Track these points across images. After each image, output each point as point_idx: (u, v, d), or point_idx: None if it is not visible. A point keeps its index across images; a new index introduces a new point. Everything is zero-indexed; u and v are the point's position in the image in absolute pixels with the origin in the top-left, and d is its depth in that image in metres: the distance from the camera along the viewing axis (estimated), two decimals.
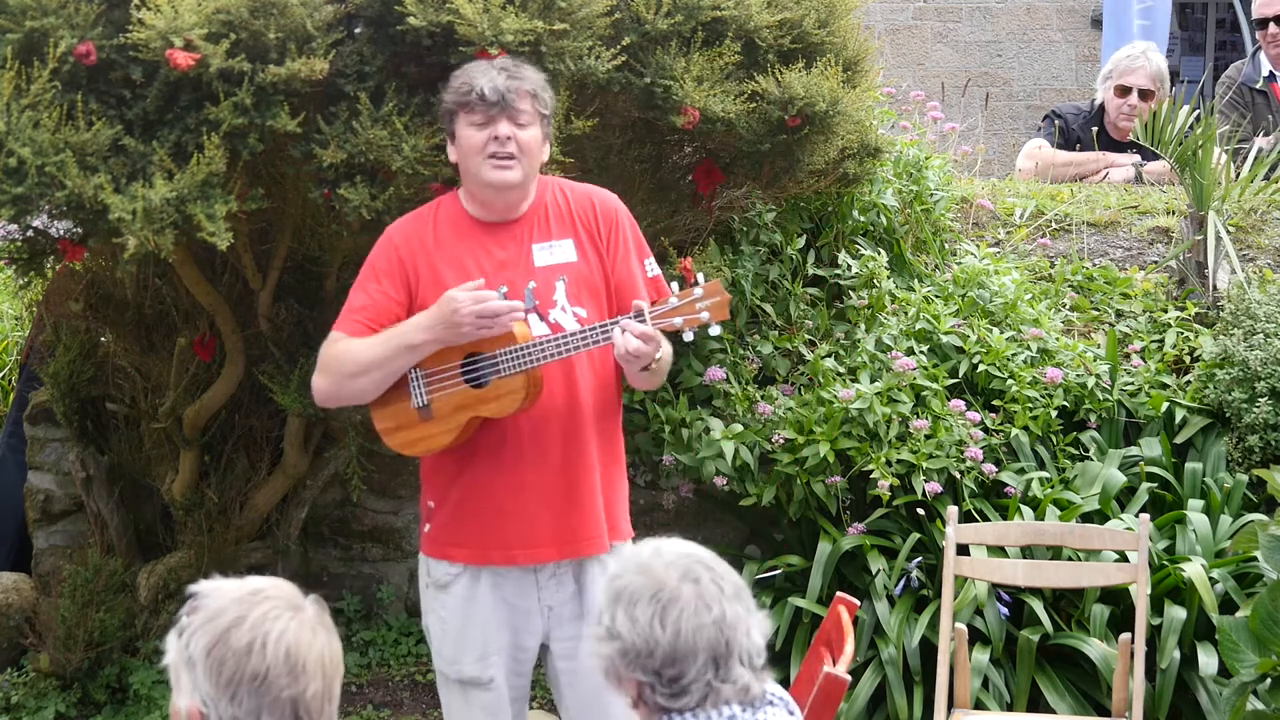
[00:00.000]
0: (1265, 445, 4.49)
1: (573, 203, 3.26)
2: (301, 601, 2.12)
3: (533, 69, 3.25)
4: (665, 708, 2.22)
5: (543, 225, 3.23)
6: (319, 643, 2.08)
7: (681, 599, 2.21)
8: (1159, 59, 5.88)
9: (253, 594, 2.10)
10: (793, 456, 4.41)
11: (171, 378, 4.56)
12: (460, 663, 3.26)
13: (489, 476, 3.19)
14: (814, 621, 4.29)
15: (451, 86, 3.19)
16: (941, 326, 4.67)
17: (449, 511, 3.25)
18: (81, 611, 4.58)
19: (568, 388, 3.18)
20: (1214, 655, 4.04)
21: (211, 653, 2.04)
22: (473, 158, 3.14)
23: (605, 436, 3.25)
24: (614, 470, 3.29)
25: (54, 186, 3.41)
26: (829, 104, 4.06)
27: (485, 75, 3.14)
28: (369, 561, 5.13)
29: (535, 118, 3.16)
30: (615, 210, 3.29)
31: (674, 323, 3.00)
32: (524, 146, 3.13)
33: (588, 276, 3.22)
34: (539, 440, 3.17)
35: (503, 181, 3.14)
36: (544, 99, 3.20)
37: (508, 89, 3.11)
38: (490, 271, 3.18)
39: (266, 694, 2.03)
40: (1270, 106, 5.96)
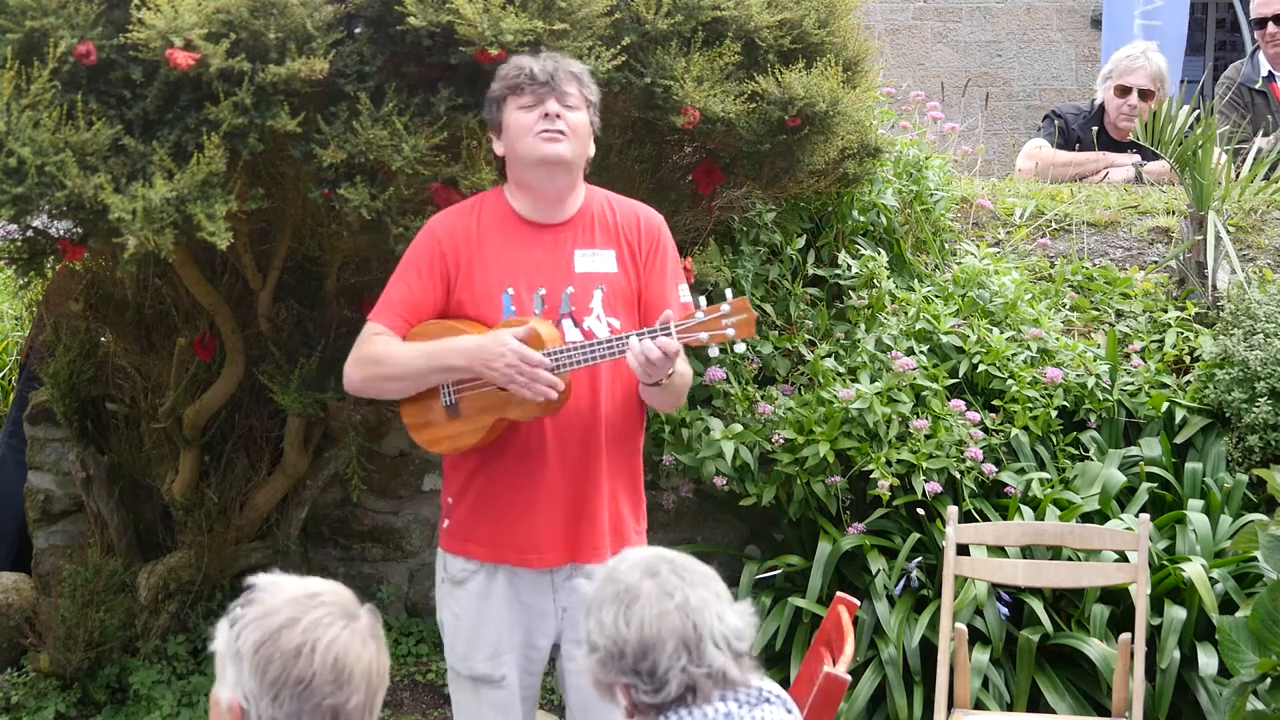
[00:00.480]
0: (1265, 445, 4.49)
1: (618, 215, 3.28)
2: (357, 610, 2.11)
3: (580, 65, 3.29)
4: (653, 705, 2.23)
5: (587, 232, 3.24)
6: (368, 654, 2.07)
7: (642, 594, 2.24)
8: (1159, 59, 5.88)
9: (310, 596, 2.09)
10: (793, 456, 4.41)
11: (171, 378, 4.56)
12: (473, 659, 3.26)
13: (506, 477, 3.20)
14: (814, 621, 4.29)
15: (498, 76, 3.23)
16: (941, 326, 4.67)
17: (466, 508, 3.26)
18: (81, 611, 4.57)
19: (592, 398, 3.19)
20: (1214, 655, 4.04)
21: (260, 650, 2.04)
22: (523, 138, 3.16)
23: (623, 451, 3.26)
24: (627, 485, 3.28)
25: (54, 186, 3.41)
26: (829, 104, 4.06)
27: (533, 60, 3.21)
28: (369, 561, 5.13)
29: (583, 103, 3.20)
30: (658, 229, 3.31)
31: (699, 338, 3.00)
32: (573, 126, 3.16)
33: (625, 290, 3.22)
34: (557, 446, 3.18)
35: (554, 154, 3.15)
36: (590, 87, 3.24)
37: (555, 70, 3.17)
38: (528, 271, 3.18)
39: (309, 699, 2.02)
40: (1269, 106, 5.97)
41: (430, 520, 5.13)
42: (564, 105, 3.16)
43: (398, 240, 3.61)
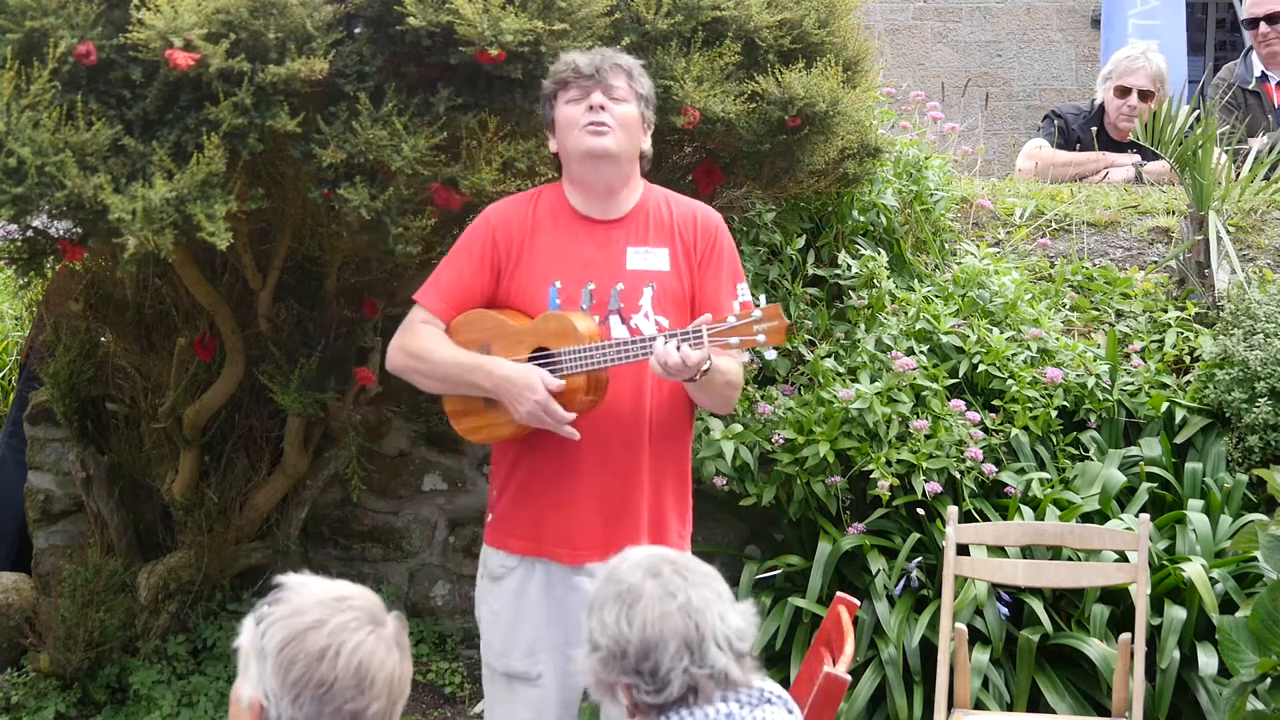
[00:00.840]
0: (1265, 445, 4.49)
1: (675, 213, 3.27)
2: (384, 617, 2.11)
3: (629, 56, 3.30)
4: (654, 705, 2.23)
5: (642, 230, 3.24)
6: (391, 662, 2.07)
7: (644, 594, 2.24)
8: (1159, 59, 5.88)
9: (338, 600, 2.09)
10: (793, 456, 4.41)
11: (171, 378, 4.56)
12: (509, 656, 3.25)
13: (545, 470, 3.20)
14: (814, 621, 4.29)
15: (549, 73, 3.27)
16: (941, 326, 4.67)
17: (508, 501, 3.27)
18: (81, 611, 4.57)
19: (635, 396, 3.17)
20: (1214, 655, 4.04)
21: (285, 650, 2.04)
22: (570, 131, 3.18)
23: (669, 451, 3.24)
24: (673, 486, 3.26)
25: (54, 186, 3.41)
26: (829, 104, 4.06)
27: (580, 55, 3.24)
28: (369, 561, 5.13)
29: (631, 95, 3.20)
30: (716, 228, 3.29)
31: (730, 342, 2.98)
32: (620, 119, 3.17)
33: (676, 288, 3.21)
34: (598, 444, 3.16)
35: (599, 148, 3.16)
36: (640, 81, 3.24)
37: (602, 64, 3.19)
38: (578, 266, 3.19)
39: (329, 703, 2.02)
40: (1264, 107, 5.97)
41: (430, 520, 5.14)
42: (610, 98, 3.17)
43: (397, 240, 3.61)
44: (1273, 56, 6.05)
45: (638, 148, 3.24)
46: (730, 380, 3.20)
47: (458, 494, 5.12)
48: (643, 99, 3.24)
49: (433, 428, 5.09)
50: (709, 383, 3.10)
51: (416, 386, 3.34)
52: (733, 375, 3.20)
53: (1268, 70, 6.06)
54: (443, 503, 5.13)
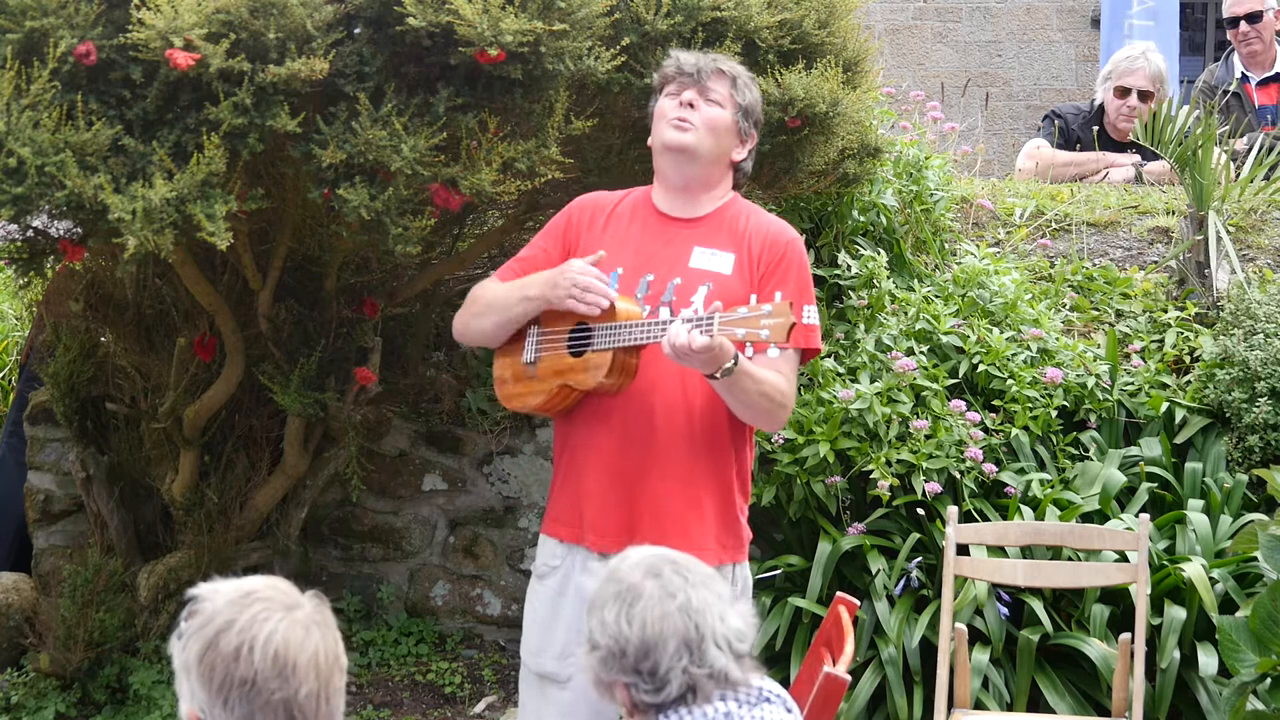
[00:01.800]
0: (1265, 445, 4.49)
1: (750, 224, 3.26)
2: (297, 600, 2.10)
3: (744, 68, 3.33)
4: (653, 704, 2.23)
5: (715, 233, 3.24)
6: (312, 642, 2.06)
7: (644, 593, 2.24)
8: (1159, 60, 5.89)
9: (245, 596, 2.08)
10: (793, 456, 4.41)
11: (171, 378, 4.56)
12: (542, 656, 3.26)
13: (581, 455, 3.21)
14: (814, 621, 4.29)
15: (659, 68, 3.33)
16: (941, 326, 4.67)
17: (558, 485, 3.30)
18: (81, 611, 4.57)
19: (674, 391, 3.15)
20: (1214, 655, 4.05)
21: (203, 659, 2.04)
22: (658, 123, 3.24)
23: (708, 450, 3.18)
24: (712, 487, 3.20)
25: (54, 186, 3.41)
26: (829, 105, 4.06)
27: (688, 53, 3.29)
28: (369, 561, 5.13)
29: (728, 101, 3.23)
30: (786, 244, 3.24)
31: (736, 334, 2.94)
32: (707, 120, 3.20)
33: (733, 291, 3.16)
34: (625, 431, 3.16)
35: (677, 141, 3.18)
36: (744, 92, 3.26)
37: (705, 65, 3.23)
38: (642, 257, 3.21)
39: (257, 698, 2.01)
40: (1245, 107, 5.98)
41: (430, 520, 5.14)
42: (705, 99, 3.21)
43: (397, 240, 3.61)
44: (1253, 56, 6.08)
45: (724, 153, 3.25)
46: (765, 390, 3.08)
47: (458, 494, 5.12)
48: (742, 109, 3.25)
49: (433, 428, 5.10)
50: (736, 387, 3.03)
51: (479, 342, 3.39)
52: (769, 386, 3.09)
53: (1248, 70, 6.08)
54: (443, 503, 5.13)
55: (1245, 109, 5.99)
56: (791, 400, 3.19)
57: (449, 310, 4.43)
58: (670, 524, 3.15)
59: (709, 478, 3.20)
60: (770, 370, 3.09)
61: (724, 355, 2.96)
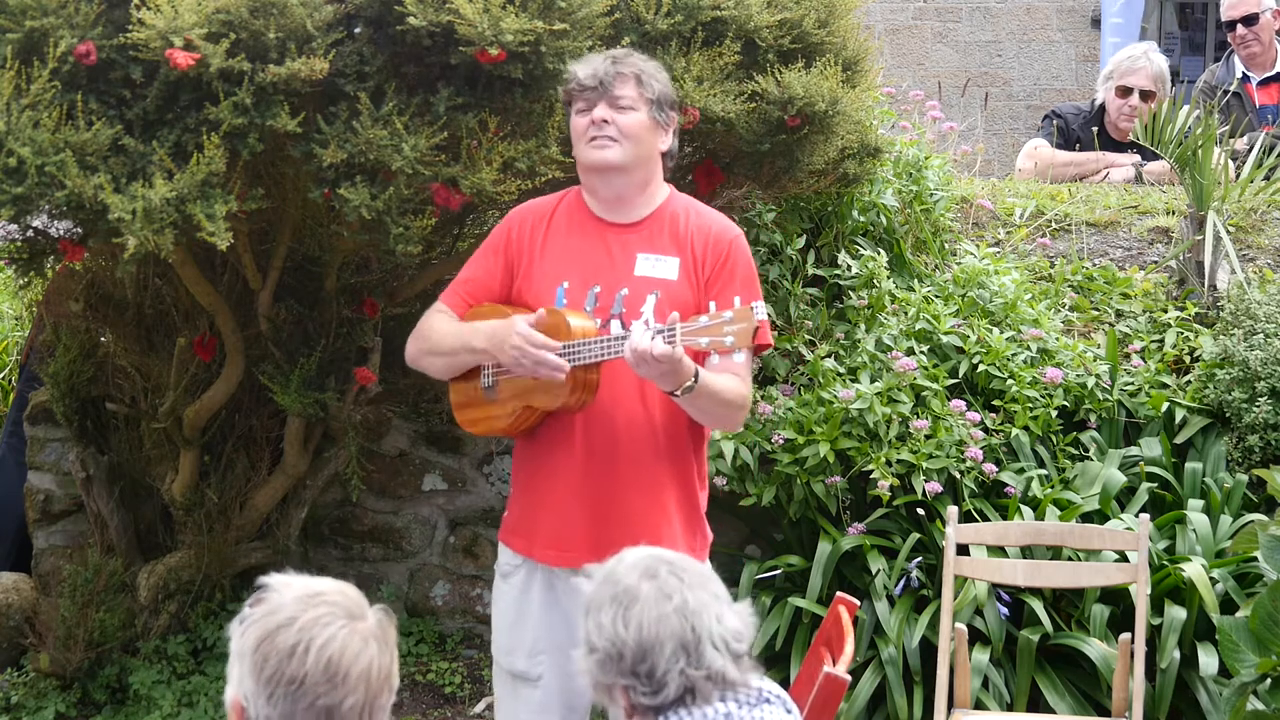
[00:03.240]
0: (1265, 445, 4.49)
1: (691, 224, 3.23)
2: (363, 610, 2.10)
3: (644, 58, 3.27)
4: (651, 707, 2.22)
5: (657, 237, 3.22)
6: (367, 655, 2.05)
7: (640, 595, 2.23)
8: (1160, 60, 5.90)
9: (312, 596, 2.08)
10: (793, 456, 4.41)
11: (171, 378, 4.56)
12: (513, 655, 3.26)
13: (541, 472, 3.21)
14: (814, 621, 4.29)
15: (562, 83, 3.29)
16: (941, 326, 4.67)
17: (515, 499, 3.30)
18: (81, 611, 4.57)
19: (634, 402, 3.15)
20: (1214, 655, 4.04)
21: (259, 649, 2.04)
22: (578, 144, 3.20)
23: (671, 458, 3.20)
24: (675, 498, 3.21)
25: (54, 186, 3.41)
26: (829, 104, 4.06)
27: (587, 64, 3.22)
28: (369, 561, 5.13)
29: (640, 102, 3.17)
30: (729, 243, 3.23)
31: (699, 343, 2.95)
32: (624, 129, 3.15)
33: (682, 298, 3.17)
34: (592, 446, 3.16)
35: (601, 161, 3.15)
36: (651, 85, 3.20)
37: (605, 74, 3.16)
38: (587, 268, 3.19)
39: (301, 699, 2.01)
40: (1245, 107, 5.99)
41: (429, 520, 5.14)
42: (615, 108, 3.15)
43: (397, 240, 3.61)
44: (1253, 58, 6.09)
45: (650, 154, 3.21)
46: (726, 399, 3.11)
47: (458, 494, 5.12)
48: (654, 103, 3.20)
49: (433, 428, 5.09)
50: (698, 398, 3.04)
51: (430, 375, 3.36)
52: (730, 394, 3.11)
53: (1248, 71, 6.09)
54: (443, 503, 5.13)
55: (1246, 109, 5.99)
56: (749, 400, 3.23)
57: None
58: (641, 533, 3.12)
59: (673, 483, 3.22)
60: (727, 375, 3.10)
61: (685, 373, 2.97)
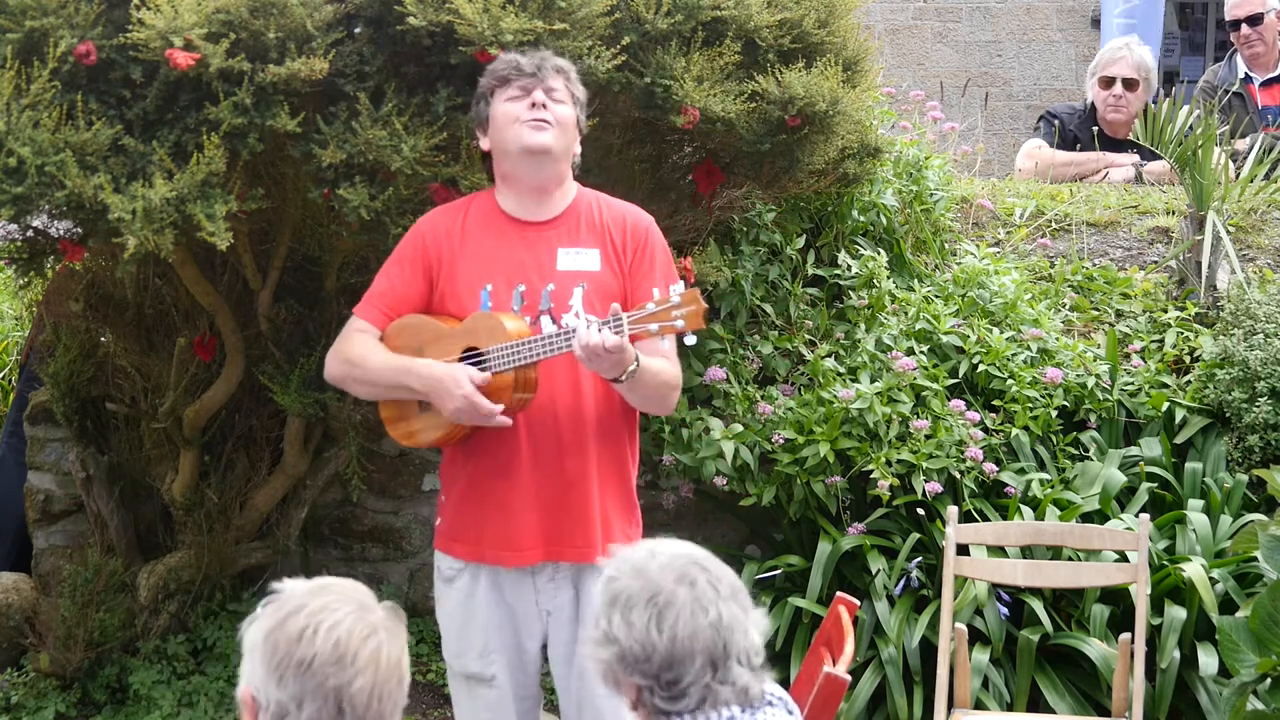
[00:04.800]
0: (1265, 445, 4.49)
1: (605, 215, 3.27)
2: (372, 603, 2.13)
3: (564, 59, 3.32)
4: (664, 710, 2.22)
5: (573, 231, 3.24)
6: (375, 640, 2.08)
7: (677, 602, 2.20)
8: (1141, 50, 5.95)
9: (321, 587, 2.13)
10: (793, 456, 4.41)
11: (171, 378, 4.56)
12: (464, 657, 3.28)
13: (487, 474, 3.21)
14: (814, 621, 4.29)
15: (486, 72, 3.27)
16: (941, 326, 4.67)
17: (453, 506, 3.28)
18: (81, 611, 4.57)
19: (573, 396, 3.18)
20: (1214, 655, 4.04)
21: (269, 637, 2.08)
22: (509, 127, 3.17)
23: (610, 445, 3.23)
24: (614, 483, 3.26)
25: (54, 186, 3.41)
26: (829, 104, 4.06)
27: (519, 55, 3.25)
28: (369, 561, 5.13)
29: (568, 97, 3.22)
30: (645, 230, 3.29)
31: (649, 329, 2.98)
32: (559, 118, 3.18)
33: (607, 288, 3.21)
34: (537, 443, 3.17)
35: (538, 144, 3.16)
36: (577, 85, 3.26)
37: (542, 63, 3.20)
38: (508, 268, 3.19)
39: (310, 680, 2.04)
40: (1248, 108, 6.00)
41: (429, 520, 5.14)
42: (550, 98, 3.18)
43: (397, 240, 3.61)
44: (1255, 58, 6.10)
45: (572, 149, 3.25)
46: (664, 380, 3.18)
47: None
48: (579, 103, 3.26)
49: None
50: (639, 383, 3.09)
51: (353, 395, 3.35)
52: (666, 375, 3.19)
53: (1251, 71, 6.10)
54: None
55: (1248, 109, 6.00)
56: (680, 380, 3.28)
57: None
58: (590, 523, 3.20)
59: (613, 471, 3.25)
60: (659, 359, 3.15)
61: (628, 359, 3.03)
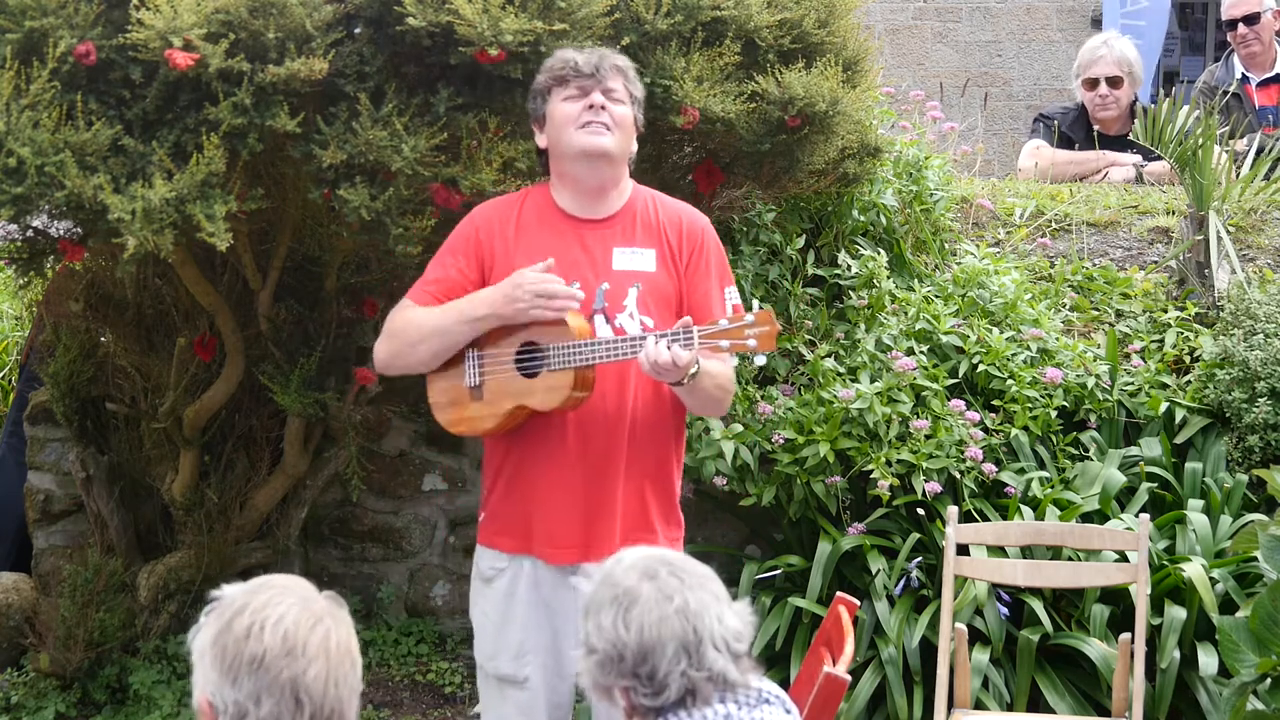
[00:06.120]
0: (1265, 445, 4.49)
1: (662, 214, 3.26)
2: (312, 594, 2.13)
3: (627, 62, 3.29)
4: (652, 708, 2.22)
5: (629, 230, 3.22)
6: (323, 628, 2.08)
7: (641, 597, 2.23)
8: (1122, 45, 5.97)
9: (260, 585, 2.13)
10: (793, 456, 4.41)
11: (171, 378, 4.56)
12: (498, 659, 3.26)
13: (531, 470, 3.20)
14: (814, 621, 4.29)
15: (543, 69, 3.25)
16: (941, 326, 4.67)
17: (496, 499, 3.27)
18: (81, 611, 4.57)
19: (619, 395, 3.16)
20: (1214, 655, 4.04)
21: (217, 641, 2.08)
22: (566, 128, 3.16)
23: (649, 454, 3.21)
24: (651, 489, 3.23)
25: (54, 186, 3.41)
26: (829, 104, 4.06)
27: (578, 52, 3.22)
28: (369, 561, 5.13)
29: (626, 97, 3.20)
30: (702, 231, 3.27)
31: (720, 345, 2.98)
32: (617, 119, 3.17)
33: (663, 289, 3.19)
34: (582, 442, 3.16)
35: (596, 146, 3.14)
36: (635, 84, 3.24)
37: (601, 63, 3.18)
38: (563, 266, 3.17)
39: (265, 675, 2.04)
40: (1245, 108, 6.00)
41: (429, 520, 5.14)
42: (609, 99, 3.16)
43: (397, 240, 3.62)
44: (1252, 57, 6.10)
45: (630, 150, 3.24)
46: (720, 384, 3.17)
47: (458, 494, 5.12)
48: (636, 102, 3.24)
49: (433, 427, 5.08)
50: (697, 387, 3.09)
51: (410, 372, 3.30)
52: (722, 379, 3.18)
53: (1248, 71, 6.10)
54: (443, 502, 5.13)
55: (1245, 110, 6.00)
56: (734, 383, 3.30)
57: None
58: (628, 525, 3.18)
59: (656, 473, 3.24)
60: (716, 362, 3.14)
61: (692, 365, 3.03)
